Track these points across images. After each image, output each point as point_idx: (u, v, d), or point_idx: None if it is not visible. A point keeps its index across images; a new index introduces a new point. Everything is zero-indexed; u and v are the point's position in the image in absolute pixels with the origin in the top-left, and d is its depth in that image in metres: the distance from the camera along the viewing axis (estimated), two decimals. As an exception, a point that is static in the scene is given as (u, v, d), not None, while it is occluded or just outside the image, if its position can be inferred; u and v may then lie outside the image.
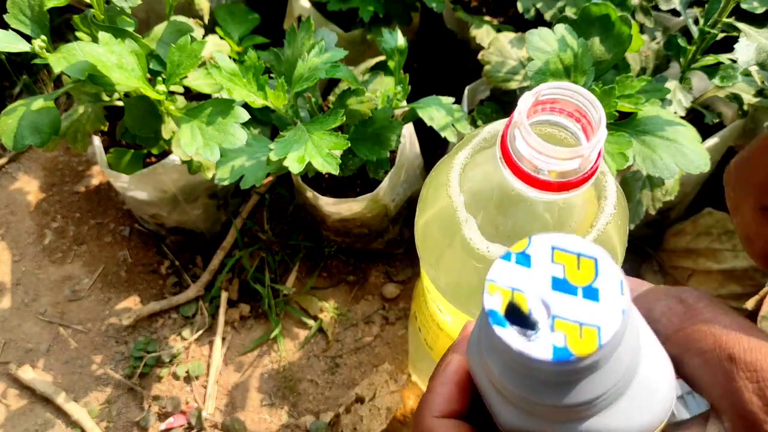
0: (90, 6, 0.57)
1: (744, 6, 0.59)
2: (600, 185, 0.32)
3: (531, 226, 0.30)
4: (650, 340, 0.22)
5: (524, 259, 0.20)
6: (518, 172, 0.27)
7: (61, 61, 0.55)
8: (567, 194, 0.28)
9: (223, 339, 0.79)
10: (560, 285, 0.20)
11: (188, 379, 0.77)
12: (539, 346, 0.19)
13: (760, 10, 0.59)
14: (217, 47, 0.68)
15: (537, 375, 0.20)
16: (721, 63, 0.61)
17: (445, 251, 0.34)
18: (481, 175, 0.31)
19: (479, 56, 0.65)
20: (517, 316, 0.19)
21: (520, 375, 0.20)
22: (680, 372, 0.23)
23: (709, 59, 0.62)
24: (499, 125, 0.33)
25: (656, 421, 0.22)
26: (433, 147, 0.78)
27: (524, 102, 0.27)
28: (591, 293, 0.19)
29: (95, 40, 0.58)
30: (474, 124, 0.68)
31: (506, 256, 0.20)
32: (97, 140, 0.71)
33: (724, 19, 0.58)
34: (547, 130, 0.29)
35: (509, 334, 0.19)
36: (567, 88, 0.27)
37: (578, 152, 0.26)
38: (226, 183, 0.57)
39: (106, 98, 0.64)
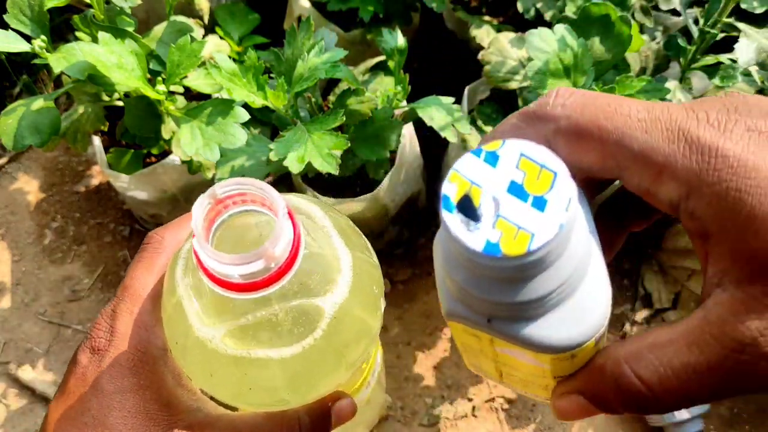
0: (90, 6, 0.57)
1: (744, 6, 0.59)
2: (333, 267, 0.30)
3: (265, 321, 0.29)
4: (597, 259, 0.23)
5: (492, 159, 0.21)
6: (211, 277, 0.26)
7: (61, 61, 0.55)
8: (264, 292, 0.26)
9: (223, 339, 0.79)
10: (515, 189, 0.21)
11: (188, 379, 0.77)
12: (475, 237, 0.20)
13: (760, 10, 0.59)
14: (217, 47, 0.68)
15: (472, 266, 0.21)
16: (721, 63, 0.61)
17: (211, 365, 0.31)
18: (200, 283, 0.29)
19: (479, 56, 0.65)
20: (466, 206, 0.21)
21: (459, 263, 0.22)
22: (677, 212, 0.24)
23: (709, 59, 0.62)
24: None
25: (584, 338, 0.23)
26: (433, 147, 0.78)
27: (198, 208, 0.26)
28: (539, 203, 0.21)
29: (95, 40, 0.58)
30: (474, 124, 0.68)
31: (477, 152, 0.22)
32: (97, 140, 0.71)
33: (724, 19, 0.58)
34: (247, 220, 0.28)
35: (453, 220, 0.21)
36: (245, 183, 0.26)
37: (252, 257, 0.25)
38: (226, 183, 0.57)
39: (106, 98, 0.64)
